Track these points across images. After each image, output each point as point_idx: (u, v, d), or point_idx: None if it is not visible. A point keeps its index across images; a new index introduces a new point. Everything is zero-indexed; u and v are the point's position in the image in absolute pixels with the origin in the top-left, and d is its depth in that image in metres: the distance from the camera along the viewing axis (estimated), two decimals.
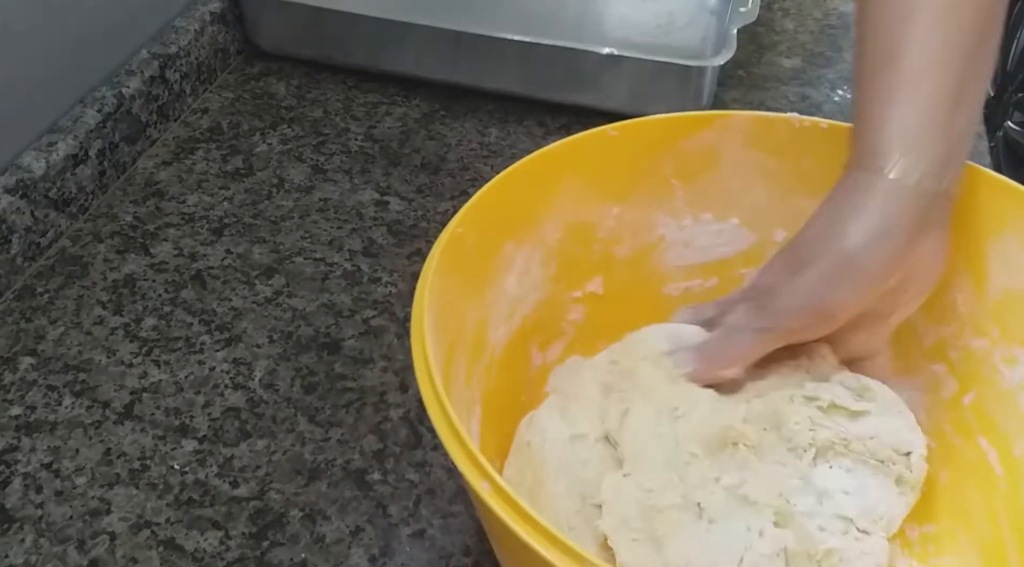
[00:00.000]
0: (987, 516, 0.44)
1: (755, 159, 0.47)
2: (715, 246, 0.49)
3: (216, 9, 0.74)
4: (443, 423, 0.33)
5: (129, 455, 0.49)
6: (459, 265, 0.40)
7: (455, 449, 0.33)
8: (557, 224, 0.46)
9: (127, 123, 0.66)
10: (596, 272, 0.48)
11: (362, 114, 0.73)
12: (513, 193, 0.43)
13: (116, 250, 0.61)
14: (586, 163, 0.45)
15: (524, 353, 0.47)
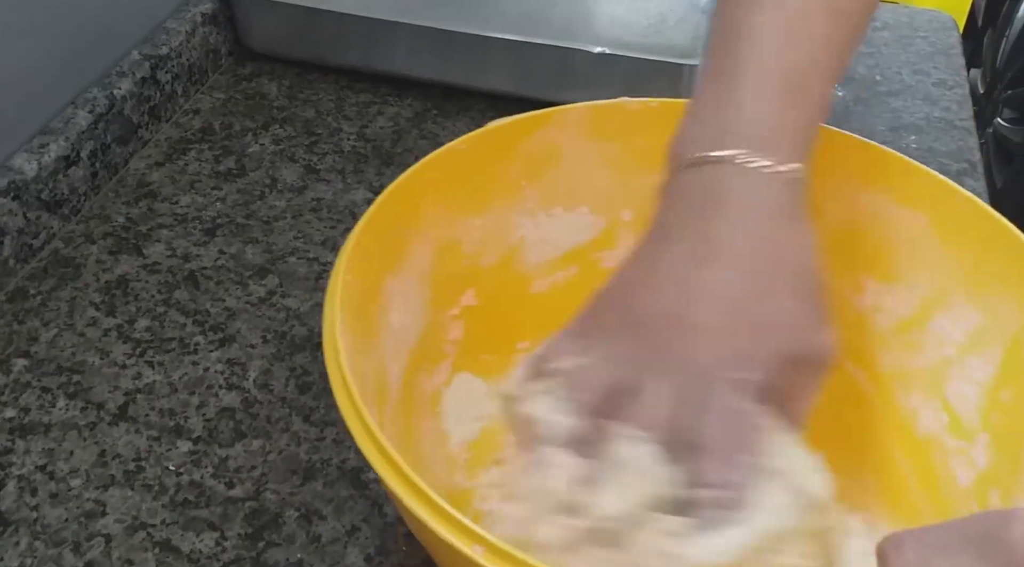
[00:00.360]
0: (870, 436, 0.47)
1: (594, 147, 0.48)
2: (570, 237, 0.50)
3: (207, 10, 0.74)
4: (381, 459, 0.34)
5: (124, 456, 0.49)
6: (356, 315, 0.40)
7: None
8: (426, 247, 0.47)
9: (119, 124, 0.65)
10: (467, 285, 0.49)
11: (354, 114, 0.73)
12: (384, 227, 0.43)
13: (109, 251, 0.61)
14: (443, 181, 0.46)
15: (416, 386, 0.47)
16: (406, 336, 0.46)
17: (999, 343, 0.45)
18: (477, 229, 0.48)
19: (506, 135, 0.47)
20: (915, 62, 0.82)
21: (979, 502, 0.44)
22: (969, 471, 0.45)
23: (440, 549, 0.32)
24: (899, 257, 0.49)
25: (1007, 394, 0.45)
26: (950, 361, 0.47)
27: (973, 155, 0.72)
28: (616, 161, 0.49)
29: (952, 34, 0.87)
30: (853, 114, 0.75)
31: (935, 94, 0.78)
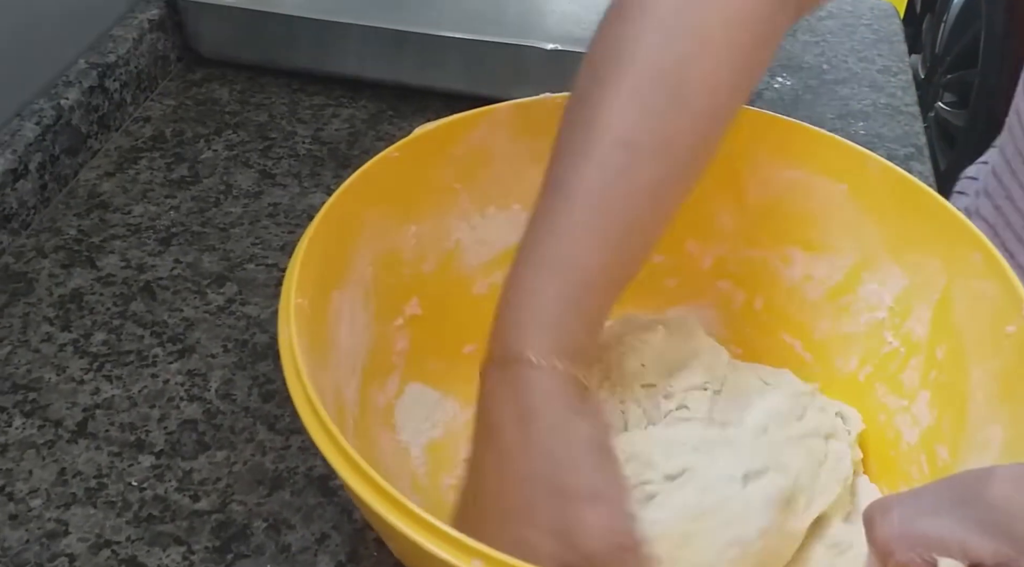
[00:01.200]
0: None
1: (522, 144, 0.49)
2: (505, 236, 0.49)
3: (154, 16, 0.73)
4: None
5: (85, 474, 0.48)
6: (310, 334, 0.40)
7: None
8: (367, 259, 0.46)
9: (67, 135, 0.64)
10: (411, 295, 0.49)
11: (308, 117, 0.72)
12: (326, 243, 0.43)
13: (61, 265, 0.60)
14: (378, 191, 0.46)
15: (370, 400, 0.47)
16: (357, 351, 0.46)
17: (927, 303, 0.47)
18: (415, 236, 0.48)
19: (437, 140, 0.47)
20: (860, 50, 0.84)
21: (927, 458, 0.46)
22: (913, 429, 0.47)
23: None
24: (824, 227, 0.50)
25: (941, 351, 0.46)
26: (883, 323, 0.49)
27: (919, 139, 0.74)
28: (544, 156, 0.48)
29: (894, 21, 0.88)
30: (802, 102, 0.76)
31: (880, 81, 0.79)
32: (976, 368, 0.44)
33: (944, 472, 0.44)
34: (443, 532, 0.31)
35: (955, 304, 0.46)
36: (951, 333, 0.46)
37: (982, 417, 0.43)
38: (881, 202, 0.48)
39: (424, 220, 0.48)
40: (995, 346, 0.43)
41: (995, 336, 0.43)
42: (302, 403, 0.36)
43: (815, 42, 0.84)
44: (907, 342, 0.48)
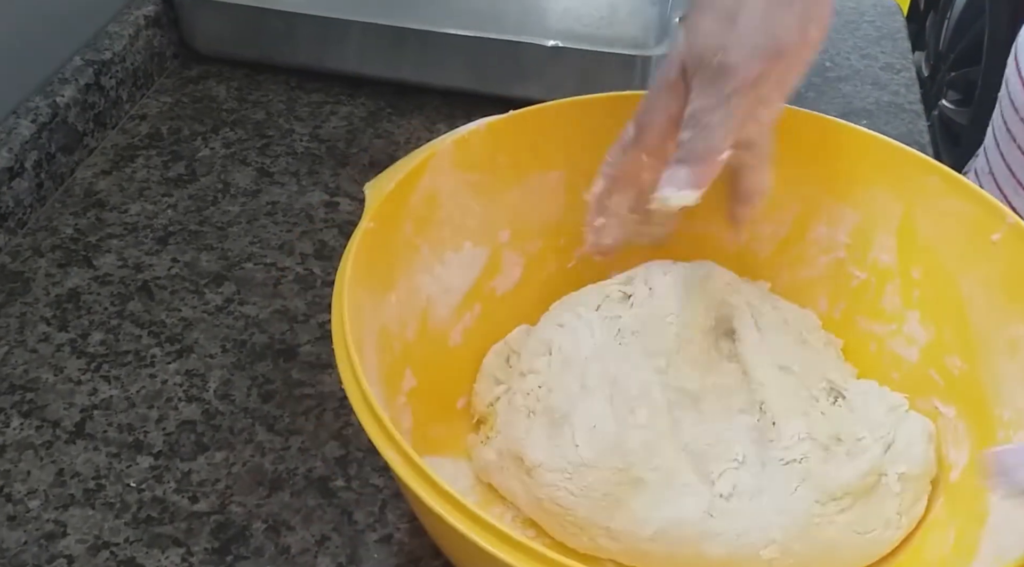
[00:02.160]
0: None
1: (462, 179, 0.48)
2: (464, 277, 0.49)
3: (150, 13, 0.72)
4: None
5: (83, 475, 0.48)
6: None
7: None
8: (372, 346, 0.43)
9: (63, 133, 0.64)
10: (404, 367, 0.46)
11: (306, 114, 0.72)
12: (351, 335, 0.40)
13: (58, 264, 0.59)
14: (365, 269, 0.43)
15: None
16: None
17: (888, 231, 0.49)
18: (396, 306, 0.45)
19: (400, 197, 0.45)
20: (863, 47, 0.83)
21: (938, 370, 0.47)
22: (911, 348, 0.49)
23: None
24: None
25: (917, 271, 0.48)
26: (844, 261, 0.51)
27: (923, 137, 0.73)
28: (483, 186, 0.48)
29: (897, 18, 0.88)
30: (805, 100, 0.76)
31: (883, 78, 0.79)
32: (965, 278, 0.46)
33: (965, 381, 0.46)
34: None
35: (920, 226, 0.48)
36: (923, 253, 0.48)
37: (993, 321, 0.45)
38: (815, 150, 0.50)
39: (398, 285, 0.46)
40: (982, 254, 0.45)
41: (979, 245, 0.45)
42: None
43: None
44: (876, 271, 0.49)
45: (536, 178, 0.50)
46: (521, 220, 0.51)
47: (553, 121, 0.49)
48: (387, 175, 0.46)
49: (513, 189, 0.49)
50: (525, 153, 0.49)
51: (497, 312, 0.51)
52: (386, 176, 0.45)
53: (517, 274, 0.52)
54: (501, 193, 0.50)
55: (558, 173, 0.51)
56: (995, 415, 0.44)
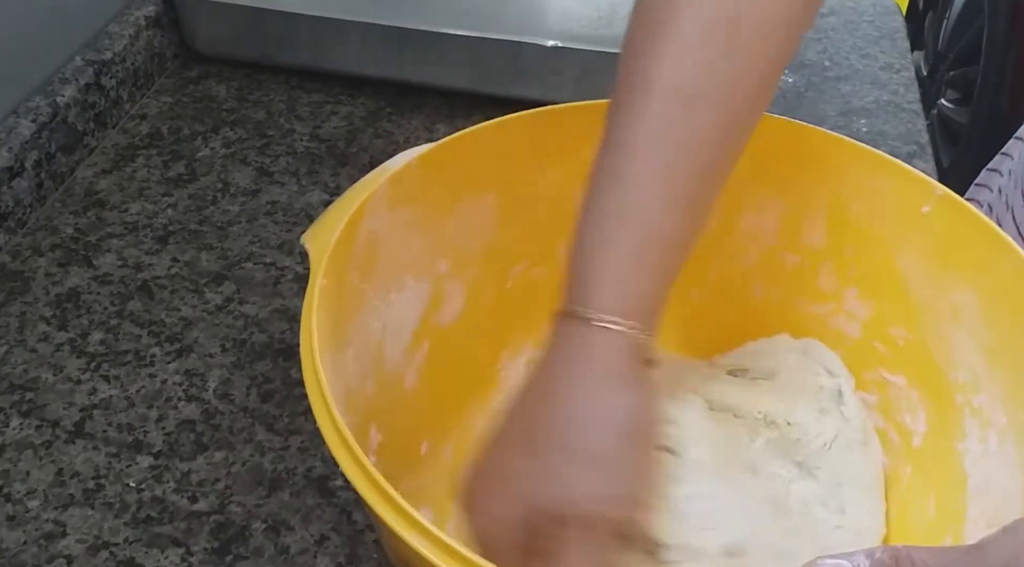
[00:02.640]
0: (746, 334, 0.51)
1: (401, 216, 0.46)
2: (409, 315, 0.47)
3: (151, 13, 0.72)
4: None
5: (82, 474, 0.48)
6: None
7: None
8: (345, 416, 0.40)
9: (63, 132, 0.64)
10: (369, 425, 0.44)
11: (306, 114, 0.72)
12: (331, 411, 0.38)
13: (58, 263, 0.59)
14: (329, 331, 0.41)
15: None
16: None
17: (816, 214, 0.49)
18: (353, 361, 0.43)
19: (347, 248, 0.43)
20: (862, 46, 0.83)
21: (884, 342, 0.48)
22: (853, 323, 0.49)
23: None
24: None
25: (851, 249, 0.49)
26: (775, 248, 0.51)
27: (922, 137, 0.73)
28: (419, 220, 0.47)
29: (896, 18, 0.88)
30: (804, 100, 0.76)
31: (883, 78, 0.79)
32: (900, 252, 0.47)
33: (912, 350, 0.47)
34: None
35: (849, 206, 0.48)
36: (855, 231, 0.48)
37: (933, 290, 0.46)
38: None
39: (352, 339, 0.43)
40: (914, 227, 0.46)
41: (910, 219, 0.46)
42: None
43: (817, 39, 0.83)
44: (810, 254, 0.50)
45: (469, 204, 0.48)
46: (458, 248, 0.49)
47: (482, 144, 0.47)
48: (324, 224, 0.42)
49: (448, 218, 0.47)
50: (457, 180, 0.47)
51: (445, 345, 0.49)
52: (324, 225, 0.42)
53: (460, 303, 0.49)
54: (437, 224, 0.47)
55: (491, 195, 0.49)
56: (950, 379, 0.45)
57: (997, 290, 0.43)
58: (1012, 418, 0.43)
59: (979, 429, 0.44)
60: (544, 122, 0.47)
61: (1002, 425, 0.43)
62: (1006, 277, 0.43)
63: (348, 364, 0.42)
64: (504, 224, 0.49)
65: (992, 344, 0.44)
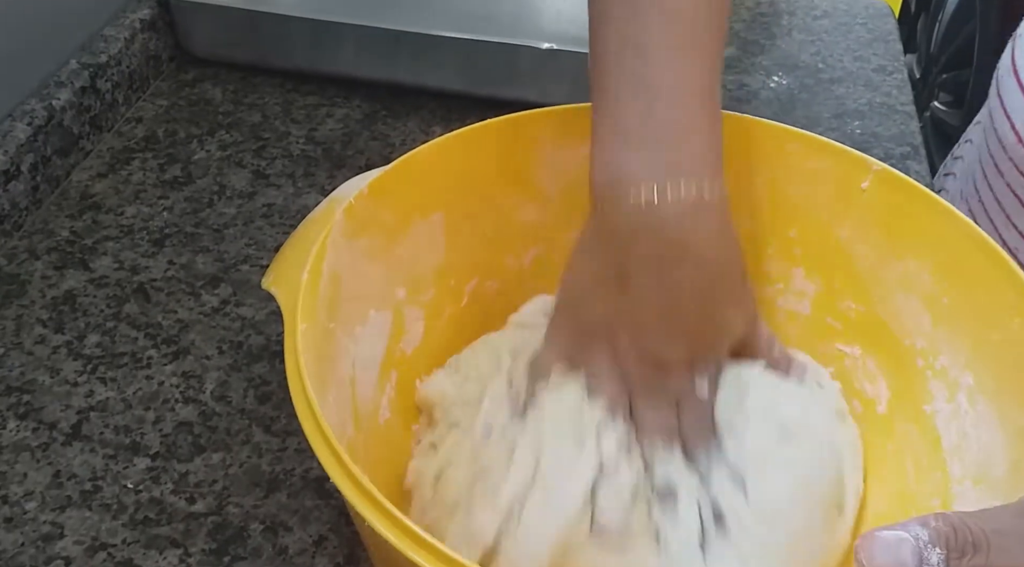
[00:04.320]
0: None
1: (357, 248, 0.44)
2: (375, 347, 0.46)
3: (146, 16, 0.72)
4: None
5: (80, 476, 0.48)
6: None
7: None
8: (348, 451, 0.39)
9: (59, 136, 0.64)
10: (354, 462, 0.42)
11: (302, 117, 0.72)
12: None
13: (54, 266, 0.59)
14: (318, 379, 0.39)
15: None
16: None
17: (758, 198, 0.50)
18: (332, 405, 0.41)
19: (313, 289, 0.41)
20: (855, 49, 0.83)
21: (836, 316, 0.49)
22: (803, 301, 0.51)
23: None
24: None
25: (794, 231, 0.50)
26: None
27: (915, 139, 0.74)
28: (375, 249, 0.45)
29: (889, 20, 0.88)
30: (798, 102, 0.76)
31: (876, 80, 0.79)
32: (842, 228, 0.48)
33: (864, 320, 0.48)
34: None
35: (788, 189, 0.49)
36: (796, 212, 0.49)
37: (879, 262, 0.47)
38: None
39: (329, 381, 0.41)
40: (854, 203, 0.47)
41: (850, 195, 0.47)
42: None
43: (811, 41, 0.84)
44: (751, 238, 0.50)
45: (419, 226, 0.47)
46: (413, 272, 0.48)
47: (427, 165, 0.47)
48: (284, 264, 0.41)
49: (400, 243, 0.46)
50: (406, 204, 0.46)
51: (412, 372, 0.48)
52: (284, 265, 0.41)
53: (420, 328, 0.48)
54: (391, 251, 0.46)
55: (437, 215, 0.48)
56: (907, 346, 0.46)
57: (945, 257, 0.45)
58: (979, 377, 0.44)
59: (946, 390, 0.45)
60: (484, 137, 0.47)
61: (969, 385, 0.44)
62: (952, 243, 0.44)
63: (329, 409, 0.39)
64: (453, 242, 0.48)
65: (947, 309, 0.45)
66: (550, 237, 0.50)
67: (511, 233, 0.50)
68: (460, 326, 0.50)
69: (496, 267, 0.51)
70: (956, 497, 0.43)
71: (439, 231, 0.48)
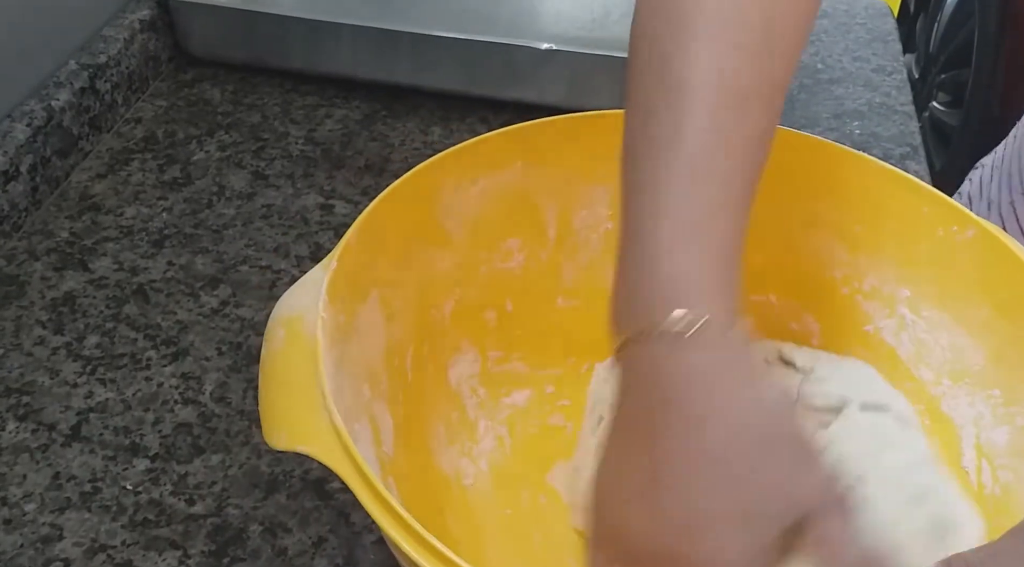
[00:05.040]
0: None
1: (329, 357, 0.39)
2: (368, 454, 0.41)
3: (145, 16, 0.72)
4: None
5: (79, 478, 0.48)
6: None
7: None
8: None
9: (58, 136, 0.64)
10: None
11: (301, 117, 0.72)
12: None
13: (53, 267, 0.59)
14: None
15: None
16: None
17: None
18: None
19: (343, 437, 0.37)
20: (854, 49, 0.83)
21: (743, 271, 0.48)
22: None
23: None
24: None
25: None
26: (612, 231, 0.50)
27: (915, 139, 0.74)
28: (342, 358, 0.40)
29: (888, 20, 0.88)
30: (797, 102, 0.76)
31: (875, 80, 0.79)
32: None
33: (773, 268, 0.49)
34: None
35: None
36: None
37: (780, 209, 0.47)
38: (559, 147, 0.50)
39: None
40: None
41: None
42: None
43: (810, 41, 0.84)
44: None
45: (362, 315, 0.43)
46: (367, 366, 0.43)
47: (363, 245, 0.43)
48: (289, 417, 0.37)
49: (353, 340, 0.42)
50: (352, 295, 0.42)
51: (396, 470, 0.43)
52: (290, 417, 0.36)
53: (389, 422, 0.44)
54: (348, 351, 0.41)
55: (373, 294, 0.44)
56: (826, 278, 0.48)
57: (850, 191, 0.47)
58: (916, 287, 0.46)
59: (884, 307, 0.48)
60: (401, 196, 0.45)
61: (907, 296, 0.47)
62: (856, 179, 0.46)
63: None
64: (388, 315, 0.45)
65: (861, 236, 0.47)
66: (463, 280, 0.49)
67: (432, 288, 0.48)
68: (412, 404, 0.46)
69: (423, 327, 0.47)
70: (940, 398, 0.45)
71: (377, 311, 0.44)
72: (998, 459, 0.43)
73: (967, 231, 0.45)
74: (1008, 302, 0.44)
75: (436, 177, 0.46)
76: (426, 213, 0.47)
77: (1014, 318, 0.43)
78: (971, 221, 0.45)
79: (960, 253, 0.45)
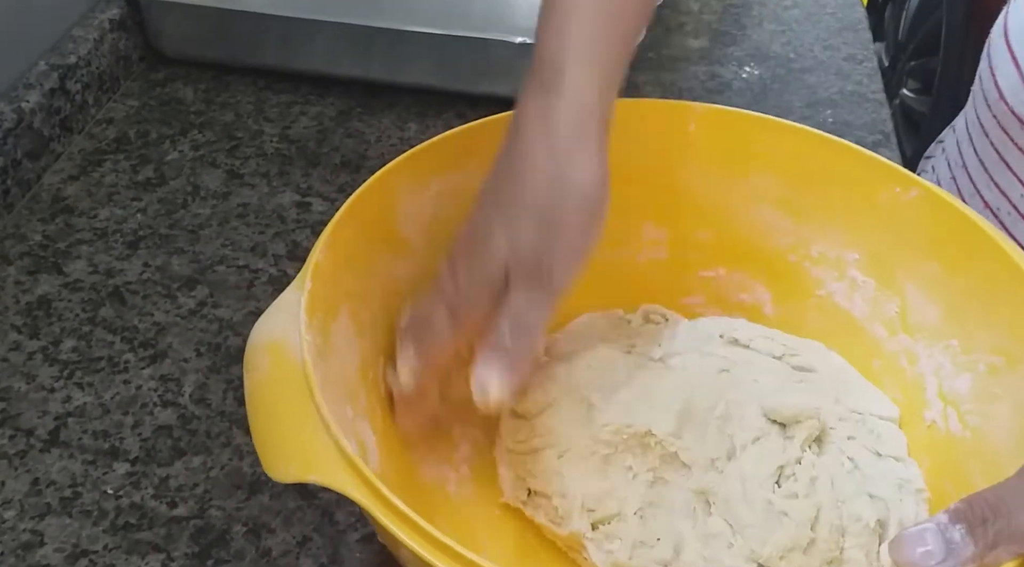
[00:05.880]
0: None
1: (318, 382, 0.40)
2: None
3: (115, 16, 0.72)
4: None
5: (59, 483, 0.47)
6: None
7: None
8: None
9: (29, 138, 0.63)
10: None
11: (275, 115, 0.72)
12: None
13: (27, 271, 0.58)
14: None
15: None
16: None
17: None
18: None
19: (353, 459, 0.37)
20: (825, 38, 0.84)
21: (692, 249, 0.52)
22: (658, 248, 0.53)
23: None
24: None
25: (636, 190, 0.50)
26: None
27: (886, 126, 0.74)
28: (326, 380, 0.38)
29: (857, 9, 0.89)
30: (770, 92, 0.77)
31: (847, 68, 0.80)
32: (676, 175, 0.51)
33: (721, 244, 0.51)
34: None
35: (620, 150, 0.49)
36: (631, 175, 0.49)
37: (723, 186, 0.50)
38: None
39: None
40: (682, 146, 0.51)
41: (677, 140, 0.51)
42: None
43: (781, 31, 0.84)
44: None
45: (336, 334, 0.42)
46: (345, 382, 0.42)
47: (332, 262, 0.42)
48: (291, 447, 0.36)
49: (329, 358, 0.40)
50: (324, 314, 0.41)
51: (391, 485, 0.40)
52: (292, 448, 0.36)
53: (371, 439, 0.42)
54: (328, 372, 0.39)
55: (344, 309, 0.43)
56: (772, 247, 0.50)
57: (788, 164, 0.48)
58: (865, 251, 0.48)
59: (833, 270, 0.49)
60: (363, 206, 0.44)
61: (856, 259, 0.48)
62: (793, 151, 0.48)
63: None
64: (359, 331, 0.44)
65: (803, 205, 0.49)
66: (417, 288, 0.45)
67: (396, 297, 0.46)
68: (389, 418, 0.44)
69: (390, 337, 0.45)
70: (898, 354, 0.47)
71: (349, 327, 0.43)
72: (963, 405, 0.44)
73: (910, 191, 0.46)
74: (957, 257, 0.45)
75: (392, 184, 0.46)
76: (387, 221, 0.47)
77: (964, 272, 0.45)
78: (913, 182, 0.46)
79: (905, 213, 0.46)
